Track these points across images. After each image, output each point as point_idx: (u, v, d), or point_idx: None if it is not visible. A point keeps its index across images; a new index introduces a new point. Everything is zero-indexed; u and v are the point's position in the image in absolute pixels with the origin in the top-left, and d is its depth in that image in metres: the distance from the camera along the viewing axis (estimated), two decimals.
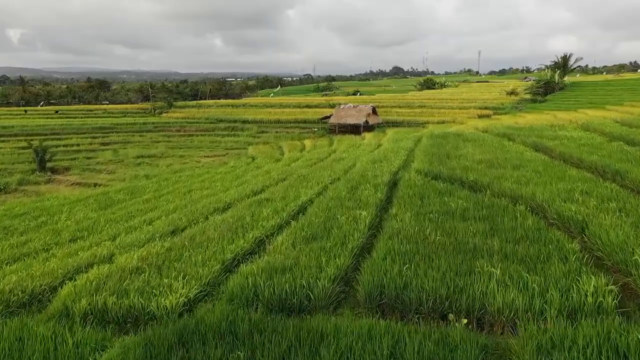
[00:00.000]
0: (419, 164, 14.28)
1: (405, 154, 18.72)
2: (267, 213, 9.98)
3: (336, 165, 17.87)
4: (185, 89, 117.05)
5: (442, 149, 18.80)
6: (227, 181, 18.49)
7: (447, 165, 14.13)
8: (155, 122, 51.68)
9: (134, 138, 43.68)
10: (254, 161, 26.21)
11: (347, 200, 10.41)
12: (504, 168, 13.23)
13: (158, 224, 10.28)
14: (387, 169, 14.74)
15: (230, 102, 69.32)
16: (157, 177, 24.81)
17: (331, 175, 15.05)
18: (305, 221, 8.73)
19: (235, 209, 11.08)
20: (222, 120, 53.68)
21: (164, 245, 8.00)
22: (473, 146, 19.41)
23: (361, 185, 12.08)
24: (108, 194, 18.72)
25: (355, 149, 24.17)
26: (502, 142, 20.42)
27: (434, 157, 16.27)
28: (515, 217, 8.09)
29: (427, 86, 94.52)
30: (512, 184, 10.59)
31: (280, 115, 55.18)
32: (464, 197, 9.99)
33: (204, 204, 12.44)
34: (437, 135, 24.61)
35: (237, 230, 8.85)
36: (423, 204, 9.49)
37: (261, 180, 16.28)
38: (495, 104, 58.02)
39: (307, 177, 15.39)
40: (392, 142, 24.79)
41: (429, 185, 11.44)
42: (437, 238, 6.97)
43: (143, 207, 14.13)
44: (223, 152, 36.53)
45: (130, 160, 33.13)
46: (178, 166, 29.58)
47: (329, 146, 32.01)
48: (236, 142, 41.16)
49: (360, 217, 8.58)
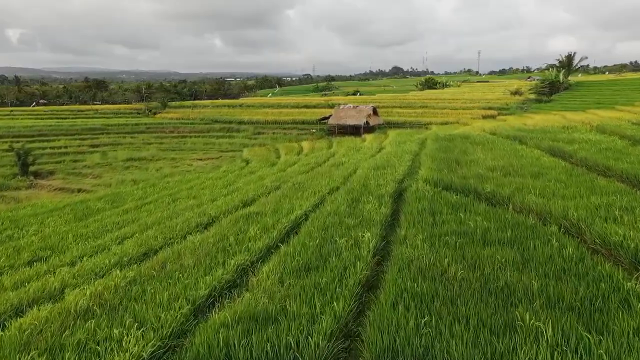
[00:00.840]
0: (427, 172, 12.99)
1: (410, 159, 17.45)
2: (255, 232, 8.71)
3: (335, 172, 16.59)
4: (183, 88, 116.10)
5: (450, 153, 17.54)
6: (216, 189, 17.21)
7: (458, 173, 12.86)
8: (148, 123, 50.35)
9: (125, 140, 42.35)
10: (248, 165, 24.93)
11: (347, 217, 9.14)
12: (522, 176, 11.96)
13: (129, 245, 8.99)
14: (391, 176, 13.48)
15: (227, 102, 68.03)
16: (145, 182, 23.52)
17: (329, 183, 13.78)
18: (297, 244, 7.45)
19: (220, 225, 9.79)
20: (218, 121, 52.39)
21: (128, 275, 6.71)
22: (483, 150, 18.15)
23: (363, 197, 10.82)
24: (87, 203, 17.43)
25: (356, 153, 22.90)
26: (513, 146, 19.16)
27: (443, 163, 15.00)
28: (548, 242, 6.82)
29: (428, 86, 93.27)
30: (537, 197, 9.31)
31: (278, 115, 53.90)
32: (482, 212, 8.73)
33: (186, 217, 11.16)
34: (443, 138, 23.35)
35: (217, 254, 7.58)
36: (436, 223, 8.22)
37: (252, 189, 15.00)
38: (500, 104, 56.81)
39: (302, 186, 14.12)
40: (394, 145, 23.52)
41: (440, 197, 10.17)
42: (459, 272, 5.69)
43: (120, 220, 12.84)
44: (217, 155, 35.23)
45: (119, 164, 31.82)
46: (168, 170, 28.29)
47: (328, 149, 30.73)
48: (231, 144, 39.85)
49: (362, 240, 7.30)
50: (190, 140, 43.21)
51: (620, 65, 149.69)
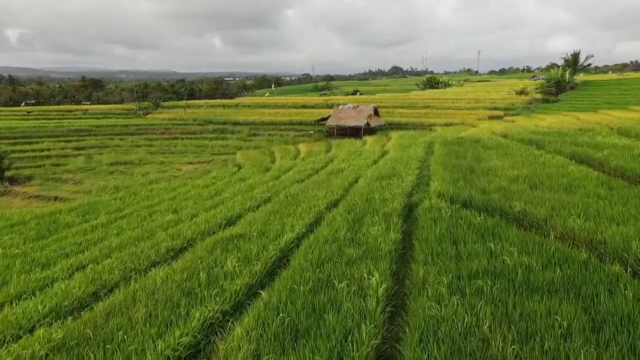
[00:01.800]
0: (440, 184, 11.35)
1: (417, 166, 15.81)
2: (233, 265, 7.06)
3: (334, 181, 14.95)
4: (181, 88, 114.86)
5: (461, 159, 15.91)
6: (200, 200, 15.55)
7: (477, 186, 11.23)
8: (139, 123, 48.61)
9: (113, 142, 40.63)
10: (240, 171, 23.27)
11: (348, 244, 7.50)
12: (552, 190, 10.32)
13: (78, 280, 7.34)
14: (398, 188, 11.84)
15: (222, 102, 66.35)
16: (127, 189, 21.85)
17: (327, 196, 12.14)
18: (284, 289, 5.80)
19: (194, 252, 8.14)
20: (212, 122, 50.70)
21: (54, 338, 5.06)
22: (498, 156, 16.53)
23: (367, 216, 9.19)
24: (57, 215, 15.75)
25: (356, 157, 21.26)
26: (530, 151, 17.54)
27: (456, 171, 13.37)
28: (615, 289, 5.20)
29: (430, 85, 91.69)
30: (581, 220, 7.67)
31: (275, 116, 52.23)
32: (515, 241, 7.10)
33: (158, 240, 9.52)
34: (451, 142, 21.72)
35: (181, 301, 5.93)
36: (460, 256, 6.58)
37: (240, 201, 13.35)
38: (505, 104, 55.22)
39: (297, 198, 12.48)
40: (398, 149, 21.89)
41: (460, 218, 8.54)
42: (508, 347, 4.04)
43: (84, 240, 11.18)
44: (208, 158, 33.53)
45: (103, 168, 30.11)
46: (154, 175, 26.60)
47: (326, 152, 29.12)
48: (224, 147, 38.16)
49: (369, 286, 5.65)
50: (182, 142, 41.51)
51: (621, 64, 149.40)
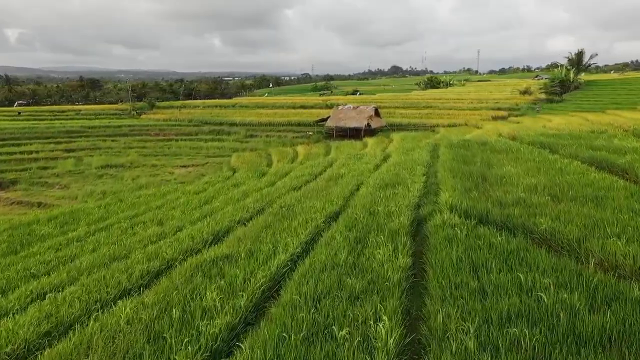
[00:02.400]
0: (451, 194, 10.27)
1: (423, 172, 14.76)
2: (214, 298, 5.99)
3: (333, 189, 13.88)
4: (179, 88, 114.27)
5: (471, 165, 14.85)
6: (188, 209, 14.47)
7: (492, 197, 10.16)
8: (132, 124, 47.50)
9: (105, 143, 39.52)
10: (234, 175, 22.19)
11: (350, 273, 6.44)
12: (577, 203, 9.27)
13: (31, 315, 6.29)
14: (404, 199, 10.78)
15: (219, 102, 65.28)
16: (115, 195, 20.76)
17: (326, 207, 11.07)
18: (270, 338, 4.73)
19: (170, 280, 7.07)
20: (208, 123, 49.62)
21: None
22: (510, 161, 15.49)
23: (370, 235, 8.14)
24: (34, 225, 14.66)
25: (357, 161, 20.19)
26: (544, 155, 16.50)
27: (466, 179, 12.32)
28: None
29: (431, 85, 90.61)
30: (622, 243, 6.61)
31: (273, 117, 51.15)
32: (548, 270, 6.07)
33: (132, 261, 8.46)
34: (457, 144, 20.68)
35: (144, 354, 4.84)
36: (485, 291, 5.52)
37: (230, 212, 12.29)
38: (509, 105, 54.24)
39: (292, 210, 11.42)
40: (401, 152, 20.83)
41: (478, 237, 7.49)
42: None
43: (54, 258, 10.12)
44: (203, 161, 32.43)
45: (92, 172, 29.00)
46: (145, 180, 25.49)
47: (325, 155, 28.02)
48: (220, 149, 37.07)
49: (377, 336, 4.57)
50: (176, 144, 40.40)
51: (622, 64, 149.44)
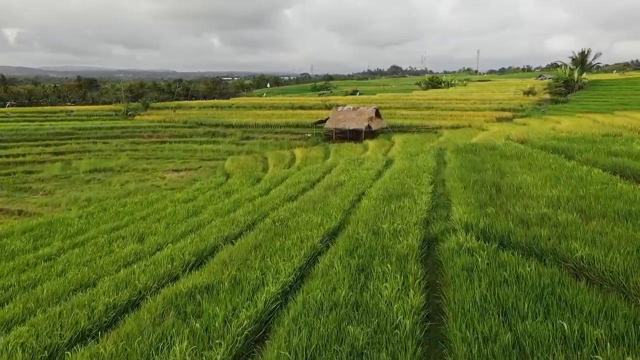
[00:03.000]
0: (464, 210, 9.16)
1: (430, 180, 13.65)
2: (183, 351, 4.86)
3: (332, 199, 12.77)
4: (177, 87, 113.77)
5: (482, 173, 13.75)
6: (175, 221, 13.32)
7: (512, 213, 9.07)
8: (125, 126, 46.30)
9: (96, 146, 38.34)
10: (227, 181, 21.05)
11: (351, 318, 5.33)
12: (610, 220, 8.18)
13: None
14: (411, 214, 9.68)
15: (215, 103, 64.16)
16: (99, 203, 19.60)
17: (323, 222, 9.98)
18: None
19: (137, 319, 5.94)
20: (203, 124, 48.48)
21: None
22: (524, 168, 14.40)
23: (375, 261, 7.05)
24: (5, 239, 13.50)
25: (358, 167, 19.06)
26: (560, 162, 15.41)
27: (479, 190, 11.23)
28: None
29: (432, 85, 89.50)
30: None
31: (270, 118, 50.02)
32: (595, 313, 5.01)
33: (98, 291, 7.33)
34: (465, 149, 19.58)
35: None
36: (524, 351, 4.38)
37: (218, 227, 11.17)
38: (514, 105, 53.15)
39: (286, 225, 10.32)
40: (405, 157, 19.70)
41: (503, 265, 6.40)
42: None
43: (14, 283, 8.97)
44: (196, 165, 31.27)
45: (80, 176, 27.84)
46: (134, 186, 24.33)
47: (324, 159, 26.92)
48: (215, 152, 35.92)
49: None
50: (169, 146, 39.23)
51: (623, 64, 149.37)
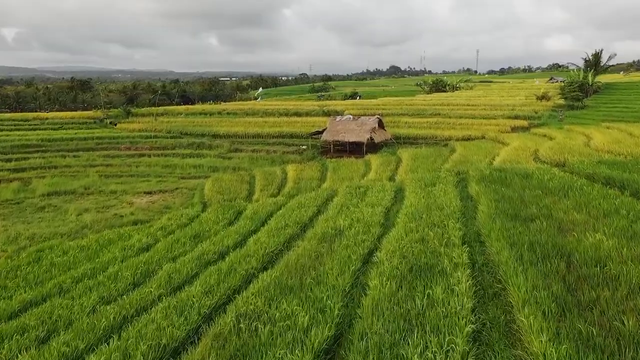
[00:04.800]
0: (539, 325, 5.70)
1: (460, 235, 10.24)
2: None
3: (327, 264, 9.36)
4: (172, 89, 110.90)
5: (530, 224, 10.46)
6: (111, 293, 9.84)
7: (625, 335, 5.54)
8: (101, 136, 42.73)
9: (64, 160, 34.80)
10: (200, 217, 17.59)
11: None
12: None
13: None
14: (450, 322, 6.19)
15: (204, 109, 60.74)
16: (37, 247, 16.10)
17: (312, 336, 6.50)
18: None
19: None
20: (188, 134, 45.00)
21: None
22: (581, 213, 11.09)
23: None
24: None
25: (360, 201, 15.61)
26: (626, 202, 12.05)
27: (544, 270, 7.77)
28: None
29: (436, 88, 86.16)
30: None
31: (262, 127, 46.56)
32: None
33: None
34: (492, 178, 16.14)
35: None
36: None
37: (158, 321, 7.70)
38: (527, 112, 49.74)
39: (255, 332, 6.86)
40: (418, 187, 16.25)
41: None
42: None
43: None
44: (173, 185, 27.75)
45: (34, 201, 24.32)
46: (92, 216, 20.75)
47: (319, 181, 23.52)
48: (197, 168, 32.40)
49: None
50: (148, 160, 35.68)
51: (626, 64, 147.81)
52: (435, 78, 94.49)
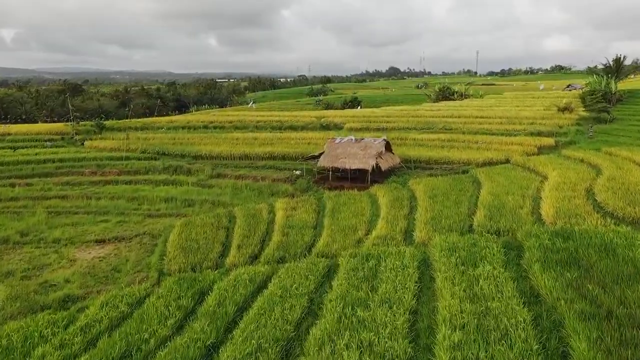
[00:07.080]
0: None
1: None
2: None
3: None
4: (167, 92, 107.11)
5: None
6: None
7: None
8: (64, 158, 37.96)
9: (13, 191, 30.09)
10: (154, 290, 13.06)
11: None
12: None
13: None
14: None
15: (188, 121, 56.13)
16: None
17: None
18: None
19: None
20: (166, 154, 40.38)
21: None
22: None
23: None
24: None
25: (370, 286, 11.08)
26: None
27: None
28: None
29: (443, 96, 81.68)
30: None
31: (251, 145, 42.00)
32: None
33: None
34: (563, 259, 11.55)
35: None
36: None
37: None
38: (550, 126, 45.28)
39: None
40: (453, 264, 11.67)
41: None
42: None
43: None
44: (134, 229, 22.96)
45: None
46: (6, 291, 15.91)
47: (313, 235, 18.93)
48: (169, 202, 27.70)
49: None
50: (113, 189, 31.01)
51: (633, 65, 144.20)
52: (442, 85, 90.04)
